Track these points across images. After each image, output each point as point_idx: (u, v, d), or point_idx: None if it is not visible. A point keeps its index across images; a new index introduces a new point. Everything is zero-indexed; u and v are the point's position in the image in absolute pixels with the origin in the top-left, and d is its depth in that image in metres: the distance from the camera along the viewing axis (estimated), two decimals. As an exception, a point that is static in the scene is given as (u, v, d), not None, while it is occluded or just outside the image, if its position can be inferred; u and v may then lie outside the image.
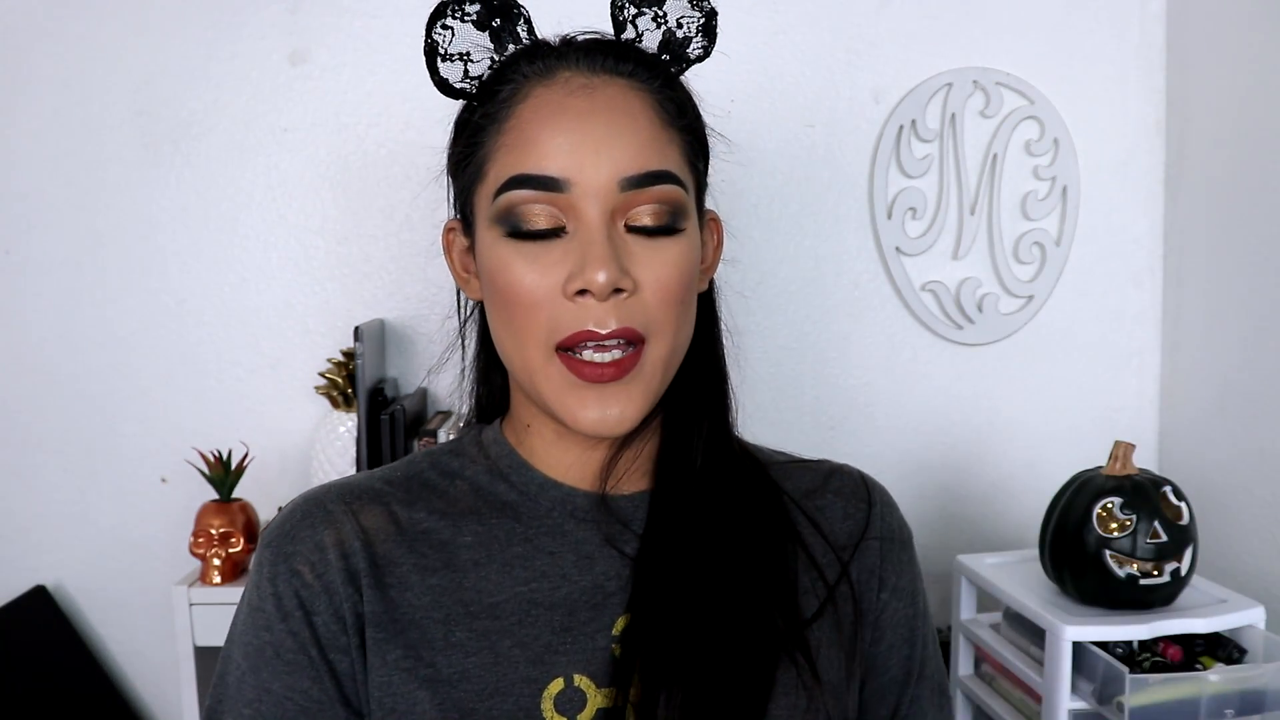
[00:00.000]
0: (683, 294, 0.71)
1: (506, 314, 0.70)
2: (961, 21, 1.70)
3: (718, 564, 0.73)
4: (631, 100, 0.70)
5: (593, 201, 0.67)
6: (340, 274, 1.66)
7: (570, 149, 0.67)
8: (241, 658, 0.72)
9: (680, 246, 0.70)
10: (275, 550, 0.73)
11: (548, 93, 0.69)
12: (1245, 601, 1.31)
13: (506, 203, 0.68)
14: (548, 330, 0.68)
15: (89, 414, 1.65)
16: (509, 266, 0.69)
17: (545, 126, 0.68)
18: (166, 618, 1.53)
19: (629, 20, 0.74)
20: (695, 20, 0.75)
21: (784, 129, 1.67)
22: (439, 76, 0.73)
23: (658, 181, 0.69)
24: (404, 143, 1.63)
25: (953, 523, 1.77)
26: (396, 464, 0.81)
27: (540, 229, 0.68)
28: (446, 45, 0.72)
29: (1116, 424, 1.77)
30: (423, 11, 1.82)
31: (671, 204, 0.70)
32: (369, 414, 1.51)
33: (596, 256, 0.66)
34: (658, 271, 0.69)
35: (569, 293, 0.67)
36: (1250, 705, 1.20)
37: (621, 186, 0.68)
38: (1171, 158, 1.74)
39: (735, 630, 0.70)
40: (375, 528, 0.74)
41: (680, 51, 0.75)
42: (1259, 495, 1.54)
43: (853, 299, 1.73)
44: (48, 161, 1.62)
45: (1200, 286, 1.69)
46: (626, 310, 0.68)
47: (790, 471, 0.83)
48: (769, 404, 1.69)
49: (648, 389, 0.70)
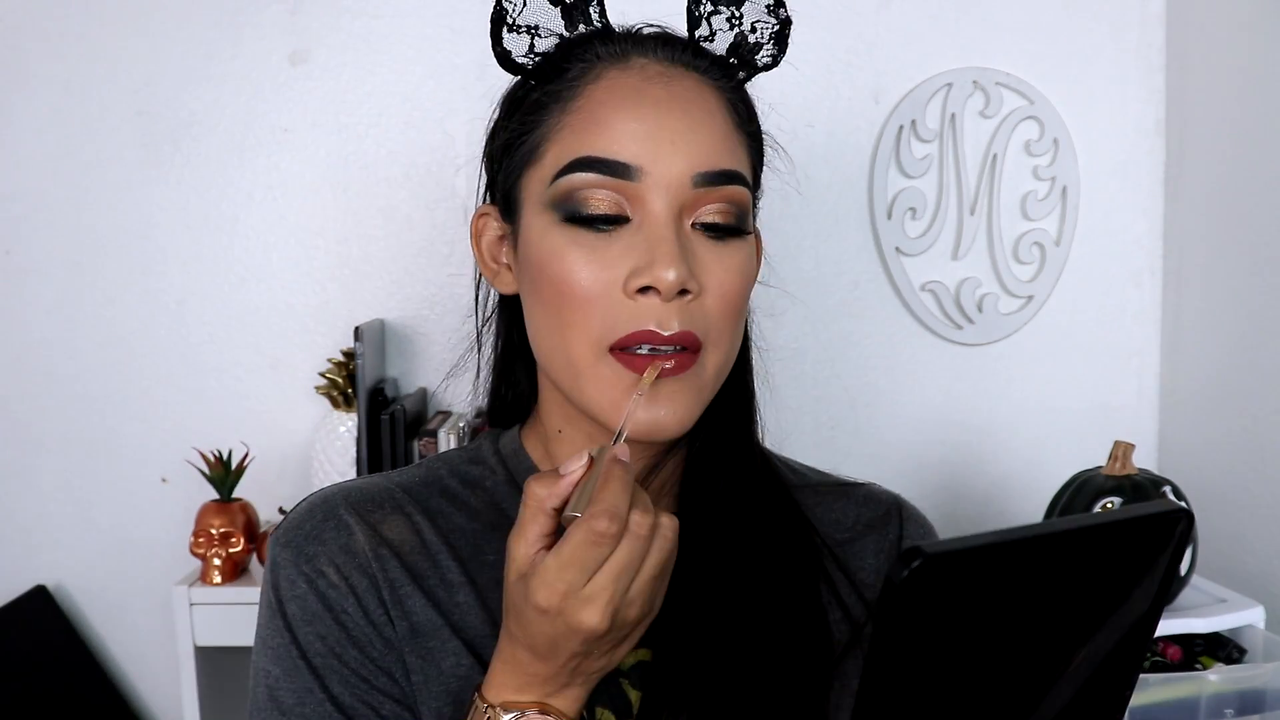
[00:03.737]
0: (742, 303, 0.68)
1: (555, 307, 0.65)
2: (961, 21, 1.70)
3: (741, 601, 0.69)
4: (707, 96, 0.67)
5: (663, 194, 0.64)
6: (340, 274, 1.66)
7: (645, 136, 0.64)
8: (271, 664, 0.68)
9: (745, 252, 0.67)
10: (297, 551, 0.69)
11: (623, 76, 0.66)
12: (1245, 601, 1.31)
13: (568, 185, 0.64)
14: (602, 328, 0.64)
15: (89, 414, 1.65)
16: (563, 256, 0.64)
17: (620, 110, 0.65)
18: (166, 618, 1.52)
19: (704, 17, 0.70)
20: (770, 27, 0.71)
21: (784, 129, 1.67)
22: (502, 47, 0.68)
23: (730, 181, 0.66)
24: (404, 143, 1.63)
25: (953, 523, 1.77)
26: (413, 469, 0.76)
27: (602, 213, 0.64)
28: (515, 14, 0.67)
29: (1116, 424, 1.77)
30: (423, 11, 1.82)
31: (740, 206, 0.67)
32: (369, 414, 1.51)
33: (666, 253, 0.63)
34: (721, 277, 0.66)
35: (630, 290, 0.63)
36: (1250, 705, 1.21)
37: (695, 182, 0.64)
38: (1171, 158, 1.74)
39: (757, 676, 0.67)
40: (398, 539, 0.70)
41: (749, 58, 0.72)
42: (1259, 495, 1.54)
43: (853, 299, 1.73)
44: (48, 161, 1.62)
45: (1200, 286, 1.69)
46: (689, 314, 0.64)
47: (823, 496, 0.79)
48: (768, 404, 1.68)
49: (701, 395, 0.67)
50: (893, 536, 0.79)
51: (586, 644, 0.58)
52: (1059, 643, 0.52)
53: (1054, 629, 0.51)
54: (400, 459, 1.51)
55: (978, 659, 0.49)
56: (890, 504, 0.81)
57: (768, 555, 0.72)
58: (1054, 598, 0.50)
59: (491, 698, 0.61)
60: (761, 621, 0.69)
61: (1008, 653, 0.50)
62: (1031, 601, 0.49)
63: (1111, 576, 0.52)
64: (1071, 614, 0.51)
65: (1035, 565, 0.48)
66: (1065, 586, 0.50)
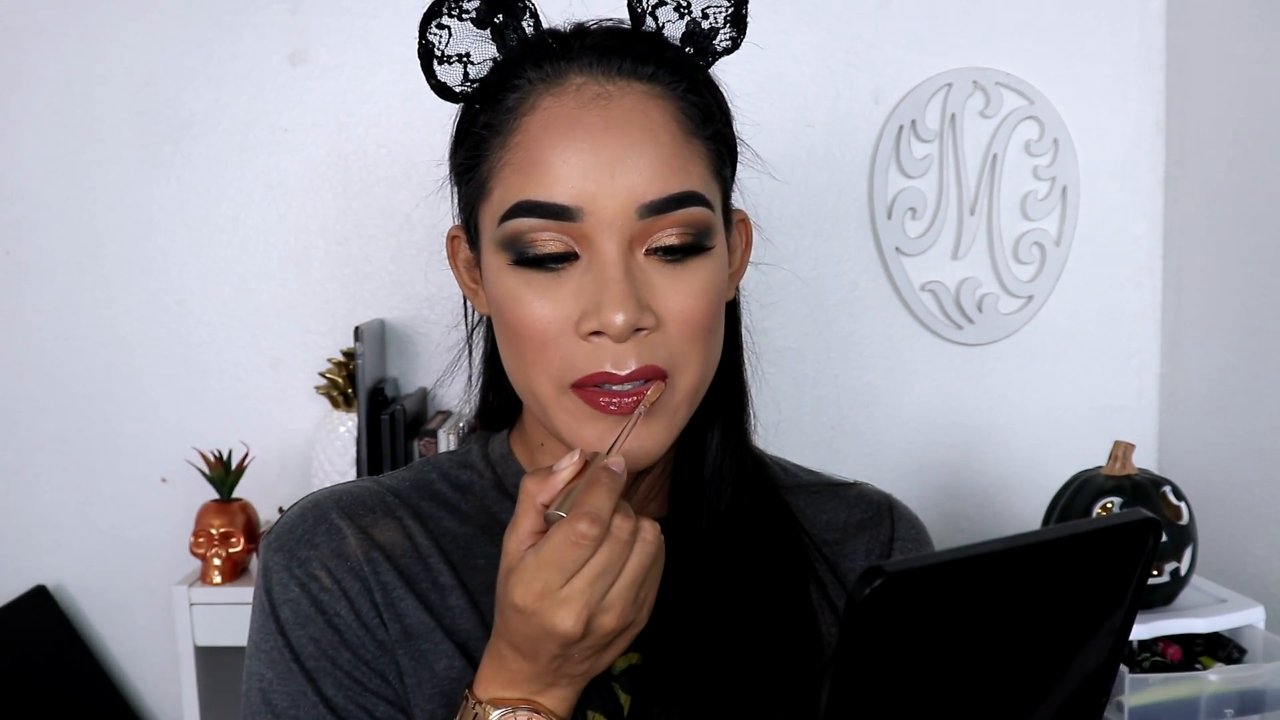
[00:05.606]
0: (710, 321, 0.65)
1: (515, 346, 0.65)
2: (961, 21, 1.70)
3: (731, 604, 0.68)
4: (651, 111, 0.64)
5: (607, 232, 0.62)
6: (340, 274, 1.66)
7: (583, 172, 0.61)
8: (265, 667, 0.68)
9: (706, 269, 0.64)
10: (289, 555, 0.69)
11: (557, 104, 0.63)
12: (1245, 601, 1.31)
13: (514, 229, 0.63)
14: (561, 368, 0.63)
15: (89, 414, 1.65)
16: (517, 299, 0.64)
17: (555, 146, 0.62)
18: (166, 618, 1.53)
19: (648, 11, 0.66)
20: (723, 9, 0.67)
21: (784, 129, 1.67)
22: (436, 80, 0.66)
23: (680, 205, 0.63)
24: (404, 143, 1.63)
25: (953, 523, 1.77)
26: (402, 472, 0.76)
27: (549, 253, 0.62)
28: (443, 46, 0.65)
29: (1116, 424, 1.77)
30: (423, 11, 1.82)
31: (697, 224, 0.64)
32: (369, 414, 1.51)
33: (613, 295, 0.61)
34: (682, 303, 0.63)
35: (582, 332, 0.62)
36: (1250, 705, 1.21)
37: (640, 214, 0.62)
38: (1171, 158, 1.74)
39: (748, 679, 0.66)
40: (390, 543, 0.70)
41: (706, 44, 0.67)
42: (1259, 495, 1.54)
43: (853, 299, 1.73)
44: (48, 161, 1.62)
45: (1199, 286, 1.69)
46: (648, 347, 0.62)
47: (814, 496, 0.79)
48: (769, 404, 1.68)
49: (671, 422, 0.65)
50: (884, 536, 0.78)
51: (563, 647, 0.58)
52: (1030, 654, 0.51)
53: (1024, 641, 0.51)
54: (400, 459, 1.51)
55: (947, 674, 0.49)
56: (882, 503, 0.80)
57: (758, 557, 0.71)
58: (1023, 610, 0.50)
59: (480, 694, 0.61)
60: (751, 624, 0.68)
61: (978, 666, 0.50)
62: (1000, 615, 0.49)
63: (1082, 587, 0.51)
64: (1042, 625, 0.51)
65: (1002, 579, 0.48)
66: (1034, 599, 0.50)
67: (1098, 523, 0.50)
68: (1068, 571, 0.50)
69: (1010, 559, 0.47)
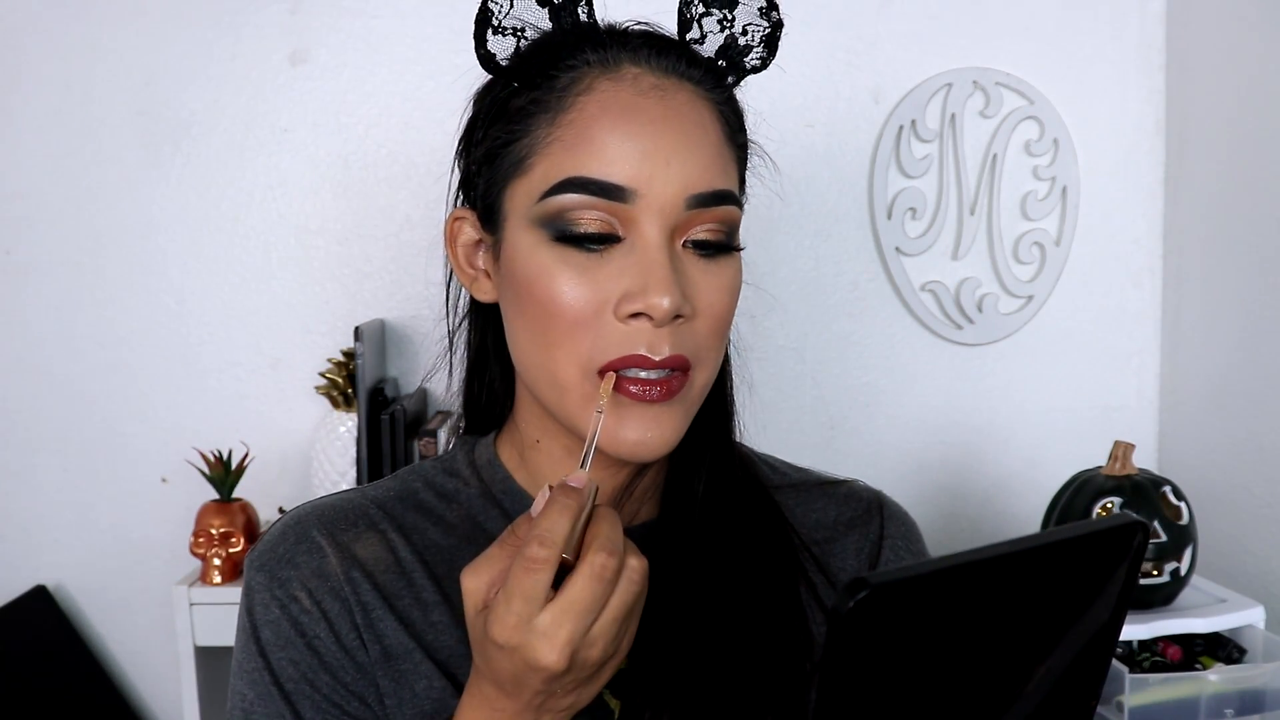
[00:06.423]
0: (730, 320, 0.67)
1: (542, 326, 0.64)
2: (961, 21, 1.70)
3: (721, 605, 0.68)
4: (701, 110, 0.65)
5: (657, 216, 0.62)
6: (340, 274, 1.66)
7: (640, 156, 0.62)
8: (246, 687, 0.68)
9: (733, 268, 0.66)
10: (270, 575, 0.68)
11: (615, 88, 0.64)
12: (1245, 601, 1.31)
13: (558, 205, 0.63)
14: (592, 350, 0.63)
15: (89, 414, 1.65)
16: (552, 276, 0.63)
17: (614, 128, 0.62)
18: (166, 618, 1.53)
19: (695, 19, 0.68)
20: (761, 29, 0.70)
21: (784, 129, 1.67)
22: (486, 50, 0.66)
23: (722, 202, 0.64)
24: (404, 143, 1.63)
25: (953, 523, 1.77)
26: (388, 481, 0.76)
27: (592, 233, 0.63)
28: (501, 15, 0.65)
29: (1116, 424, 1.77)
30: (423, 11, 1.82)
31: (731, 224, 0.66)
32: (369, 414, 1.51)
33: (660, 279, 0.61)
34: (712, 297, 0.65)
35: (622, 314, 0.62)
36: (1250, 705, 1.21)
37: (689, 204, 0.63)
38: (1171, 158, 1.74)
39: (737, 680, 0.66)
40: (372, 559, 0.69)
41: (738, 60, 0.70)
42: (1259, 495, 1.54)
43: (853, 299, 1.73)
44: (48, 161, 1.62)
45: (1199, 286, 1.69)
46: (679, 337, 0.63)
47: (804, 495, 0.79)
48: (769, 404, 1.69)
49: (688, 415, 0.66)
50: (874, 534, 0.78)
51: (546, 682, 0.56)
52: (1019, 660, 0.51)
53: (1013, 647, 0.50)
54: (400, 459, 1.51)
55: (934, 682, 0.48)
56: (871, 501, 0.80)
57: (747, 558, 0.71)
58: (1011, 617, 0.49)
59: None
60: (741, 625, 0.68)
61: (966, 673, 0.49)
62: (987, 622, 0.49)
63: (1069, 592, 0.51)
64: (1030, 631, 0.50)
65: (988, 587, 0.47)
66: (1022, 605, 0.49)
67: (1084, 527, 0.50)
68: (1056, 577, 0.50)
69: (996, 566, 0.47)
